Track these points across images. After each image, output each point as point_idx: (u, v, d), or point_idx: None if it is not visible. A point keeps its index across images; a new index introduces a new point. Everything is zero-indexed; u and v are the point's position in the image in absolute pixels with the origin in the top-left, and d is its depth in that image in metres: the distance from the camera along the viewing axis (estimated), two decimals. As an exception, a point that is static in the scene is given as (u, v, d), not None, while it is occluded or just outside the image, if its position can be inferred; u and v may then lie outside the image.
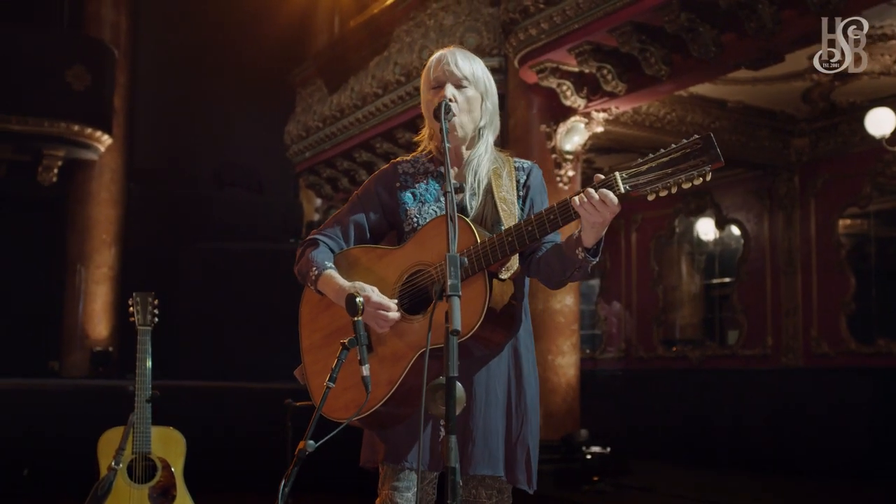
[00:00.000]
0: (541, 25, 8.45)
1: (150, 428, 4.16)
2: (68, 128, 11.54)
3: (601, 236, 2.62)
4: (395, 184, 3.00)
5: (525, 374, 2.89)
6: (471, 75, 2.92)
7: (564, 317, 9.04)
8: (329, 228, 3.04)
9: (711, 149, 2.42)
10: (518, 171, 2.99)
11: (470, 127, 2.92)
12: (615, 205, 2.51)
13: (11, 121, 11.17)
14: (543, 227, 2.62)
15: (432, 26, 10.18)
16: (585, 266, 2.68)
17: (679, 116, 10.13)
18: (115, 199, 12.42)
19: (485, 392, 2.80)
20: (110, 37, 12.43)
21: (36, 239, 12.18)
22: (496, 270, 2.69)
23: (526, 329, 2.95)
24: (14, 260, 11.65)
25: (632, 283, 12.93)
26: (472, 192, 2.91)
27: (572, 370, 9.06)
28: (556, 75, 8.76)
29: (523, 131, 9.31)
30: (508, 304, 2.71)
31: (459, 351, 2.69)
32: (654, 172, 2.48)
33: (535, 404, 2.92)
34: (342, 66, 11.98)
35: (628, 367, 12.70)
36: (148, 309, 4.38)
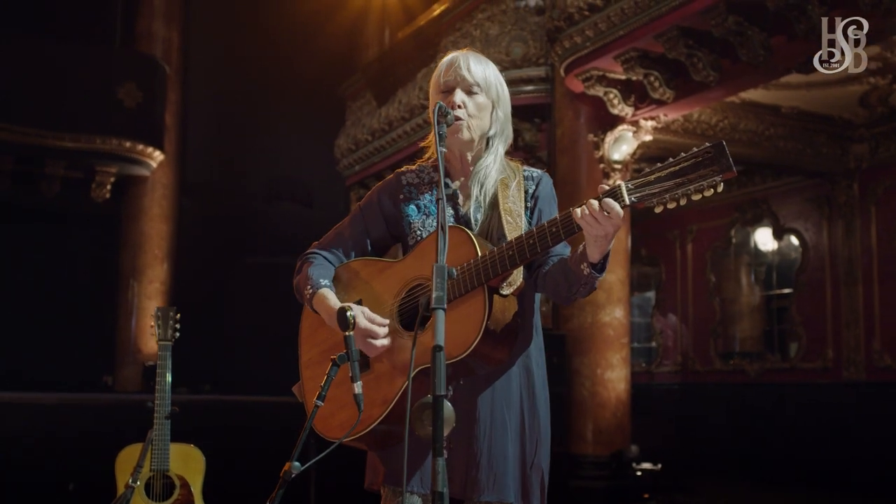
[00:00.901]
0: (585, 33, 8.30)
1: (169, 445, 4.09)
2: (120, 144, 11.63)
3: (607, 251, 2.47)
4: (399, 195, 2.88)
5: (538, 393, 2.73)
6: (482, 81, 2.78)
7: (614, 330, 8.83)
8: (329, 242, 2.93)
9: (723, 158, 2.25)
10: (527, 181, 2.84)
11: (477, 134, 2.78)
12: (619, 217, 2.35)
13: (65, 138, 11.29)
14: (545, 240, 2.47)
15: (478, 37, 10.07)
16: (591, 282, 2.52)
17: (731, 124, 9.88)
18: (167, 214, 12.50)
19: (490, 414, 2.65)
20: (162, 53, 12.52)
21: (89, 254, 12.29)
22: (497, 285, 2.55)
23: (537, 346, 2.79)
24: (68, 275, 11.78)
25: (688, 295, 12.65)
26: (478, 205, 2.77)
27: (622, 384, 8.84)
28: (603, 83, 8.59)
29: (570, 141, 9.15)
30: (511, 321, 2.57)
31: (461, 369, 2.58)
32: (663, 183, 2.32)
33: (547, 425, 2.76)
34: (391, 79, 11.94)
35: (685, 380, 12.42)
36: (169, 324, 4.33)
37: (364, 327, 2.59)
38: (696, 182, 2.27)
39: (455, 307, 2.54)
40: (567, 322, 8.87)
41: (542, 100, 9.53)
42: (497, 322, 2.51)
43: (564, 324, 8.89)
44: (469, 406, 2.64)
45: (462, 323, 2.51)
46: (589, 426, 8.69)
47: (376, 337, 2.59)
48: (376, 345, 2.60)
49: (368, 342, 2.59)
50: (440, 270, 2.19)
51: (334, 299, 2.70)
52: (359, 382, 2.44)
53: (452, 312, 2.54)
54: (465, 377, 2.64)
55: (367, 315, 2.62)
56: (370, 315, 2.63)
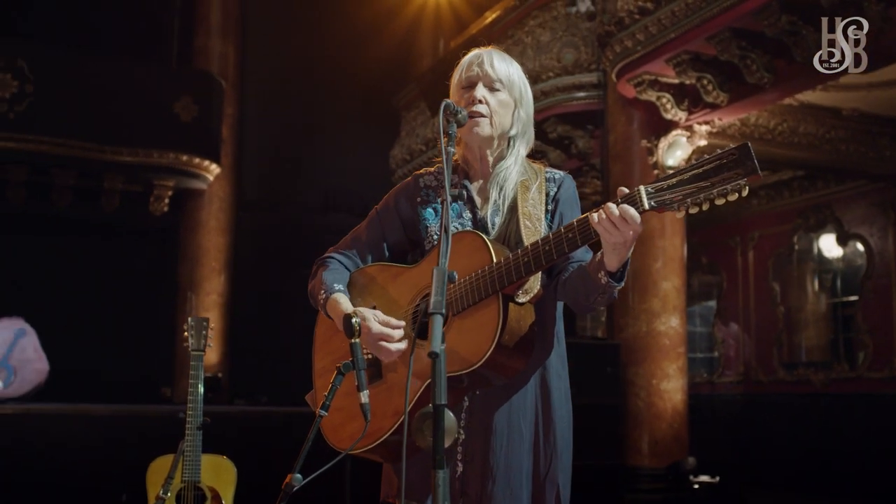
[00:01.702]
0: (636, 37, 8.15)
1: (201, 456, 4.06)
2: (177, 158, 11.76)
3: (626, 258, 2.36)
4: (417, 198, 2.80)
5: (555, 405, 2.62)
6: (506, 78, 2.70)
7: (669, 339, 8.64)
8: (346, 245, 2.87)
9: (748, 160, 2.13)
10: (549, 183, 2.73)
11: (498, 132, 2.69)
12: (637, 223, 2.25)
13: (123, 153, 11.44)
14: (561, 246, 2.37)
15: (530, 44, 9.97)
16: (610, 291, 2.42)
17: (791, 127, 9.63)
18: (224, 226, 12.60)
19: (507, 426, 2.55)
20: (218, 68, 12.64)
21: (148, 267, 12.42)
22: (512, 293, 2.45)
23: (558, 356, 2.69)
24: (128, 288, 11.91)
25: (750, 304, 12.36)
26: (496, 208, 2.68)
27: (679, 395, 8.63)
28: (655, 88, 8.43)
29: (623, 147, 8.99)
30: (527, 330, 2.47)
31: (477, 379, 2.48)
32: (684, 187, 2.21)
33: (565, 437, 2.65)
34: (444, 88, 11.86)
35: (747, 391, 12.13)
36: (202, 334, 4.29)
37: (377, 332, 2.51)
38: (719, 185, 2.16)
39: (469, 316, 2.46)
40: (622, 331, 8.70)
41: (595, 106, 9.40)
42: (512, 331, 2.41)
43: (619, 333, 8.73)
44: (486, 417, 2.55)
45: (475, 332, 2.42)
46: (644, 438, 8.50)
47: (391, 340, 2.52)
48: (391, 349, 2.52)
49: (382, 346, 2.51)
50: (440, 274, 2.10)
51: (347, 304, 2.64)
52: (365, 392, 2.37)
53: (466, 321, 2.46)
54: (481, 388, 2.55)
55: (381, 318, 2.55)
56: (384, 318, 2.55)
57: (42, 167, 11.39)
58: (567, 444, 2.65)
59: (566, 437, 2.65)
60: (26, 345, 8.41)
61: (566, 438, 2.65)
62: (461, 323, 2.47)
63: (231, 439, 4.93)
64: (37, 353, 8.43)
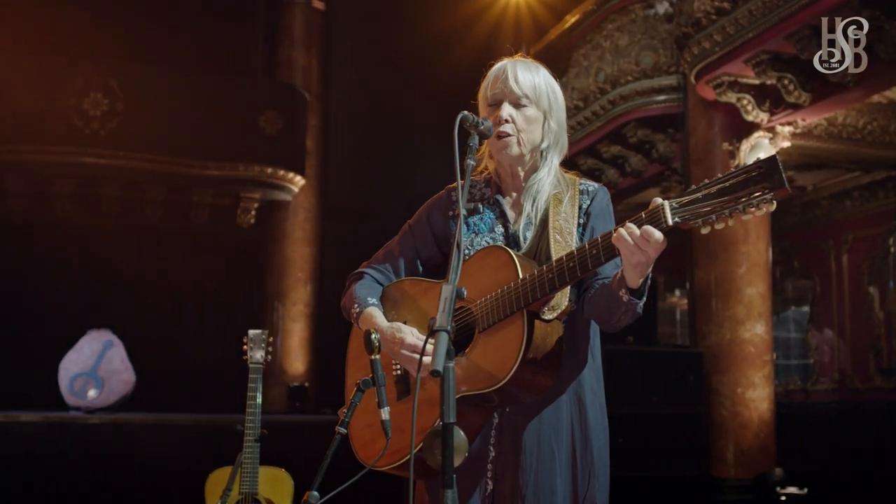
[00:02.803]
0: (714, 37, 7.99)
1: (258, 468, 4.09)
2: (262, 171, 11.95)
3: (647, 275, 2.29)
4: (449, 211, 2.77)
5: (590, 422, 2.56)
6: (531, 91, 2.65)
7: (755, 346, 8.41)
8: (378, 260, 2.86)
9: (775, 173, 2.06)
10: (581, 196, 2.67)
11: (528, 148, 2.65)
12: (658, 242, 2.18)
13: (210, 167, 11.67)
14: (585, 263, 2.32)
15: (608, 48, 9.85)
16: (632, 309, 2.35)
17: (881, 126, 9.31)
18: (310, 237, 12.75)
19: (537, 444, 2.49)
20: (302, 80, 12.82)
21: (236, 278, 12.64)
22: (538, 310, 2.40)
23: (593, 371, 2.62)
24: (216, 299, 12.13)
25: (844, 309, 11.95)
26: (528, 222, 2.63)
27: (765, 403, 8.40)
28: (735, 89, 8.24)
29: (704, 151, 8.81)
30: (554, 347, 2.42)
31: (505, 397, 2.44)
32: (710, 201, 2.14)
33: (603, 455, 2.58)
34: (525, 95, 11.82)
35: (842, 399, 11.72)
36: (261, 346, 4.33)
37: (412, 343, 2.49)
38: (744, 200, 2.09)
39: (494, 333, 2.43)
40: (704, 339, 8.52)
41: (675, 109, 9.23)
42: (538, 349, 2.37)
43: (701, 341, 8.54)
44: (516, 435, 2.51)
45: (500, 349, 2.38)
46: (730, 448, 8.30)
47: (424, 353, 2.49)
48: (425, 361, 2.49)
49: (416, 358, 2.47)
50: (447, 291, 2.07)
51: (381, 318, 2.63)
52: (386, 409, 2.35)
53: (491, 338, 2.43)
54: (510, 405, 2.51)
55: (417, 333, 2.53)
56: (418, 333, 2.54)
57: (133, 182, 11.69)
58: (604, 462, 2.59)
59: (603, 456, 2.58)
60: (114, 356, 8.65)
61: (603, 457, 2.58)
62: (487, 340, 2.44)
63: (291, 450, 4.95)
64: (123, 364, 8.66)
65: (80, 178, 11.44)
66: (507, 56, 2.83)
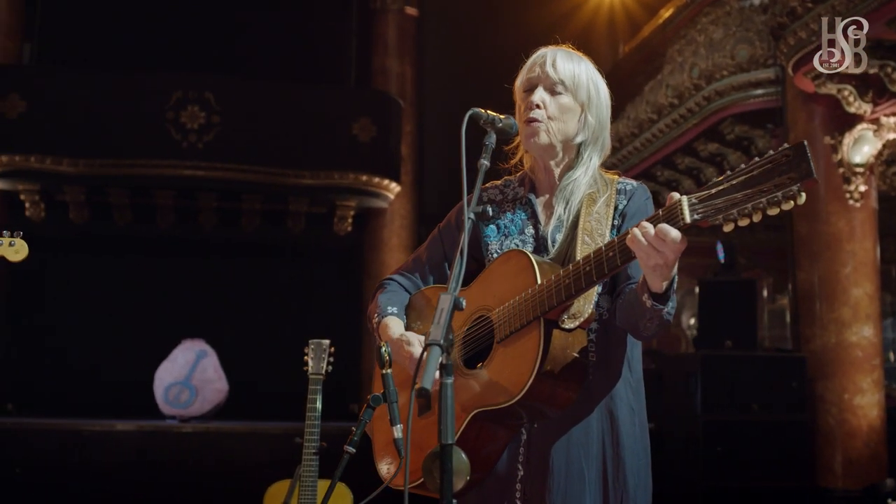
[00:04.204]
0: (810, 27, 7.59)
1: (317, 482, 4.00)
2: (357, 179, 11.95)
3: (672, 277, 2.09)
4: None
5: (625, 440, 2.35)
6: (570, 80, 2.47)
7: (863, 350, 7.97)
8: (407, 267, 2.73)
9: (803, 162, 1.84)
10: (619, 196, 2.47)
11: (559, 139, 2.47)
12: (676, 242, 1.97)
13: (304, 175, 11.73)
14: (601, 267, 2.14)
15: (702, 42, 9.53)
16: (657, 316, 2.14)
17: None
18: (406, 243, 12.70)
19: (565, 463, 2.31)
20: (397, 88, 12.79)
21: (334, 286, 12.69)
22: (556, 318, 2.23)
23: (629, 384, 2.42)
24: (313, 308, 12.19)
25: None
26: (559, 223, 2.45)
27: (875, 410, 7.94)
28: (835, 80, 7.82)
29: (805, 145, 8.39)
30: (577, 357, 2.24)
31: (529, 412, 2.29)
32: (731, 195, 1.93)
33: (640, 477, 2.36)
34: (621, 95, 11.56)
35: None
36: (322, 357, 4.25)
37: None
38: (769, 193, 1.86)
39: (512, 343, 2.26)
40: (808, 343, 8.11)
41: (773, 103, 8.84)
42: (557, 361, 2.19)
43: (805, 345, 8.14)
44: (543, 454, 2.33)
45: (516, 362, 2.22)
46: (837, 457, 7.87)
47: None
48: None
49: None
50: (444, 302, 1.92)
51: (396, 327, 2.49)
52: (398, 426, 2.21)
53: (509, 349, 2.27)
54: (537, 420, 2.34)
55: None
56: None
57: (230, 193, 11.84)
58: (642, 484, 2.38)
59: (641, 477, 2.38)
60: (207, 365, 8.76)
61: (641, 478, 2.38)
62: (505, 351, 2.28)
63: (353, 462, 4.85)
64: (217, 374, 8.76)
65: (178, 189, 11.66)
66: (604, 54, 2.64)
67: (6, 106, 11.06)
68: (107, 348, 10.82)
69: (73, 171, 11.06)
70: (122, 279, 11.60)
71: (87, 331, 11.15)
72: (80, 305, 11.42)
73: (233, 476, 7.34)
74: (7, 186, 11.27)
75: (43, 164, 10.99)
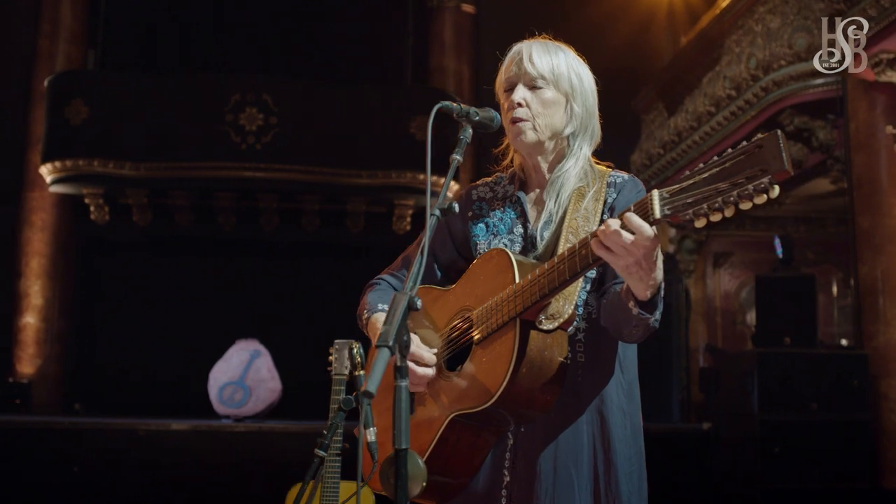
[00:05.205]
0: (868, 12, 7.36)
1: (339, 483, 3.97)
2: (414, 177, 11.91)
3: (656, 285, 2.00)
4: (468, 212, 2.56)
5: (616, 444, 2.27)
6: (548, 73, 2.40)
7: (915, 347, 7.70)
8: (396, 267, 2.69)
9: (775, 152, 1.73)
10: (608, 189, 2.39)
11: (546, 134, 2.40)
12: (646, 239, 1.88)
13: (362, 175, 11.74)
14: (574, 265, 2.06)
15: (760, 32, 9.30)
16: (643, 324, 2.05)
17: None
18: (465, 242, 12.66)
19: (553, 469, 2.24)
20: (454, 86, 12.74)
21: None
22: (533, 319, 2.16)
23: (621, 386, 2.33)
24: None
25: None
26: (548, 220, 2.38)
27: (930, 410, 7.66)
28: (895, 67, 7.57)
29: (866, 135, 8.13)
30: (555, 359, 2.16)
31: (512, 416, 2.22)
32: (702, 188, 1.83)
33: (632, 482, 2.27)
34: (681, 88, 11.36)
35: None
36: (346, 357, 4.21)
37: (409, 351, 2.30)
38: (741, 186, 1.76)
39: (489, 345, 2.20)
40: (871, 340, 7.85)
41: (833, 93, 8.58)
42: (534, 363, 2.12)
43: (868, 342, 7.88)
44: (530, 459, 2.25)
45: (492, 364, 2.16)
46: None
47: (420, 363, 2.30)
48: (418, 372, 2.29)
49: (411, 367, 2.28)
50: (397, 301, 1.86)
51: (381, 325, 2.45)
52: (371, 429, 2.16)
53: (486, 351, 2.21)
54: (522, 424, 2.27)
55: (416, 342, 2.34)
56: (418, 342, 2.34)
57: (289, 194, 11.93)
58: (635, 489, 2.29)
59: (633, 483, 2.29)
60: (261, 365, 8.81)
61: (633, 484, 2.29)
62: (483, 352, 2.22)
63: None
64: (270, 373, 8.81)
65: (238, 191, 11.77)
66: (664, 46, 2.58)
67: (71, 112, 11.29)
68: (166, 348, 10.98)
69: (135, 175, 11.24)
70: (182, 280, 11.76)
71: (147, 331, 11.33)
72: (142, 306, 11.61)
73: (286, 475, 7.36)
74: (72, 190, 11.52)
75: (106, 167, 11.19)
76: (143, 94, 11.49)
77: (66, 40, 11.98)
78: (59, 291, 11.58)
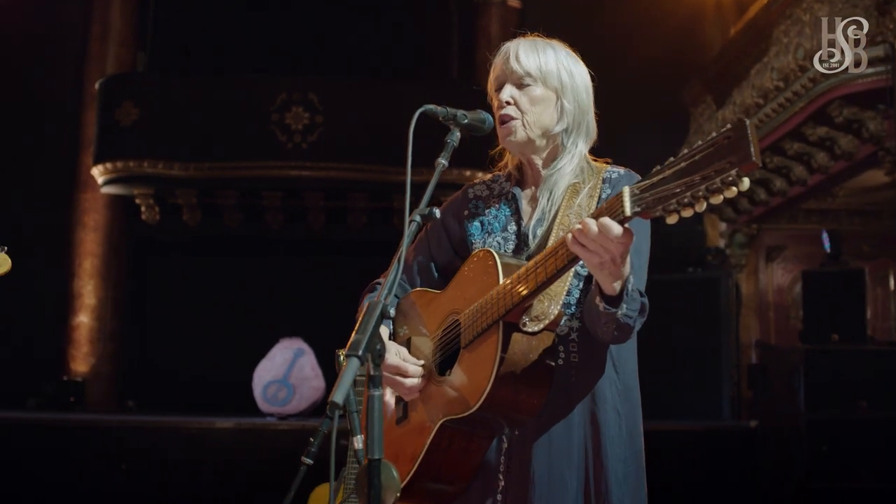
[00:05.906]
0: (916, 1, 7.17)
1: (362, 485, 3.96)
2: (460, 174, 11.81)
3: (623, 278, 1.96)
4: (465, 211, 2.55)
5: (607, 447, 2.23)
6: (536, 70, 2.38)
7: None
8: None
9: (742, 143, 1.67)
10: (604, 185, 2.36)
11: (537, 132, 2.37)
12: (619, 237, 1.84)
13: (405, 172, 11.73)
14: (553, 264, 2.03)
15: (807, 21, 9.08)
16: (613, 320, 2.01)
17: None
18: (511, 238, 12.60)
19: (547, 473, 2.20)
20: (501, 81, 12.66)
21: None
22: (516, 321, 2.13)
23: (614, 387, 2.29)
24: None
25: None
26: (542, 218, 2.36)
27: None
28: (947, 55, 7.37)
29: (917, 127, 7.94)
30: (540, 361, 2.13)
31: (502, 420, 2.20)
32: (672, 183, 1.78)
33: (625, 487, 2.23)
34: (729, 80, 11.17)
35: None
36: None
37: (392, 363, 2.28)
38: (709, 179, 1.72)
39: (475, 349, 2.18)
40: (924, 335, 7.66)
41: (883, 83, 8.34)
42: (517, 365, 2.09)
43: (919, 337, 7.69)
44: (524, 463, 2.23)
45: (477, 368, 2.13)
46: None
47: (405, 374, 2.28)
48: (405, 384, 2.28)
49: (396, 380, 2.29)
50: (371, 309, 1.85)
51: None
52: (358, 437, 2.14)
53: (472, 354, 2.19)
54: (515, 428, 2.24)
55: (404, 354, 2.33)
56: (405, 354, 2.33)
57: (336, 192, 11.97)
58: (629, 492, 2.24)
59: (629, 485, 2.24)
60: (304, 363, 8.85)
61: (628, 486, 2.24)
62: (469, 356, 2.19)
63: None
64: (314, 372, 8.85)
65: (285, 190, 11.85)
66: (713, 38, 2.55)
67: (121, 113, 11.46)
68: (213, 346, 11.11)
69: (183, 175, 11.39)
70: (230, 279, 11.89)
71: (196, 329, 11.47)
72: (191, 305, 11.76)
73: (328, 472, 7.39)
74: (123, 191, 11.69)
75: (155, 168, 11.35)
76: (191, 96, 11.63)
77: (116, 43, 12.16)
78: (112, 291, 11.77)
